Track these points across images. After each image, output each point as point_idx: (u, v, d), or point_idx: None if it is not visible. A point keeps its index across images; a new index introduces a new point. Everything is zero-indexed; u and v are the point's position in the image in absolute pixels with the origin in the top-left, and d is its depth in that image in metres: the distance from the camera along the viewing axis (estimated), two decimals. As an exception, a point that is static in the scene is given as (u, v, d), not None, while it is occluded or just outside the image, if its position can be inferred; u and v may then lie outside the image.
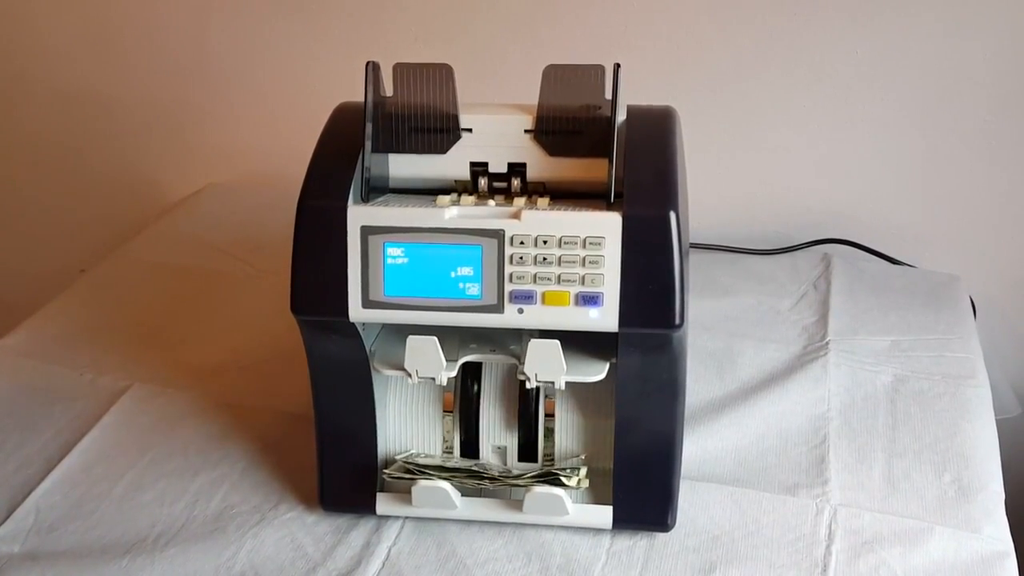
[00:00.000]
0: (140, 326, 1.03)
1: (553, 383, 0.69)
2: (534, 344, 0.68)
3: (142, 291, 1.10)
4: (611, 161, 0.66)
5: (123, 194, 1.39)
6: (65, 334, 1.01)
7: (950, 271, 1.10)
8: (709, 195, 0.98)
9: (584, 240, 0.64)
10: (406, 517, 0.76)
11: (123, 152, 1.37)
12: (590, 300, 0.65)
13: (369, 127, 0.68)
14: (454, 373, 0.70)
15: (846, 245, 1.14)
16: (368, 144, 0.68)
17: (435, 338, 0.68)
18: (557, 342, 0.67)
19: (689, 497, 0.77)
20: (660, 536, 0.74)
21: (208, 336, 1.01)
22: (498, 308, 0.66)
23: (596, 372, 0.69)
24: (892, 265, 1.13)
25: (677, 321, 0.65)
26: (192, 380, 0.93)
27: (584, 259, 0.64)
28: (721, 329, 0.99)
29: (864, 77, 1.10)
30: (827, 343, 0.96)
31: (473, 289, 0.65)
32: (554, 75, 0.68)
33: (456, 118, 0.69)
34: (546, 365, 0.68)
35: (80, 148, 1.39)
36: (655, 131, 0.69)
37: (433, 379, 0.69)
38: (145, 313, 1.06)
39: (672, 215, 0.64)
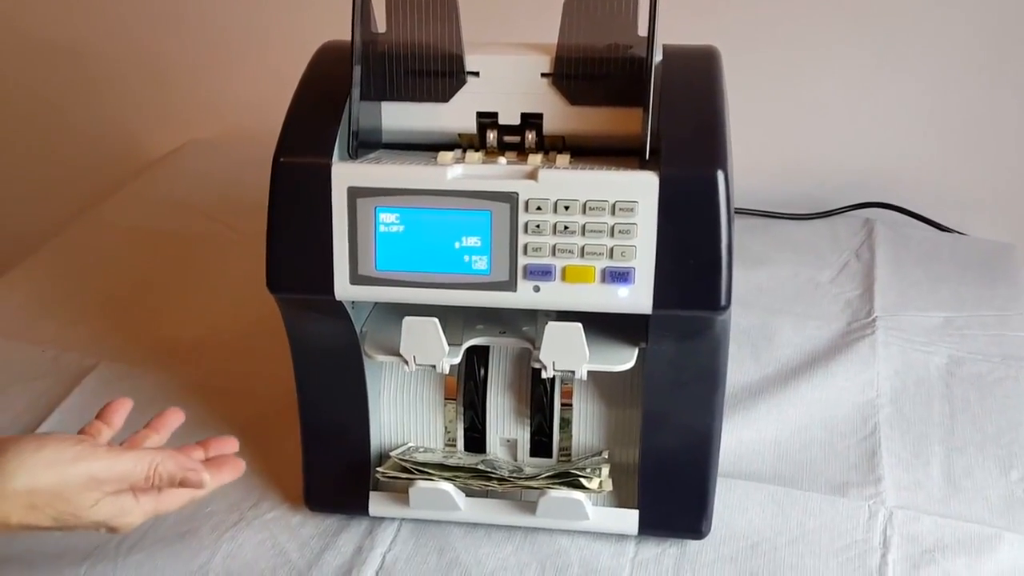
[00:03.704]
0: (110, 297, 1.00)
1: (573, 372, 0.64)
2: (552, 328, 0.63)
3: (114, 258, 1.07)
4: (646, 110, 0.61)
5: (98, 151, 1.38)
6: (27, 305, 0.99)
7: (1003, 239, 1.07)
8: (738, 153, 0.94)
9: (613, 205, 0.59)
10: (403, 519, 0.72)
11: (98, 107, 1.35)
12: (619, 277, 0.60)
13: (357, 70, 0.63)
14: (457, 359, 0.66)
15: (890, 210, 1.12)
16: (356, 91, 0.63)
17: (435, 319, 0.63)
18: (579, 325, 0.62)
19: (724, 497, 0.73)
20: (692, 544, 0.70)
21: (185, 309, 0.98)
22: (510, 285, 0.61)
23: (623, 360, 0.65)
24: (940, 232, 1.10)
25: (723, 302, 0.60)
26: (165, 359, 0.90)
27: (613, 228, 0.60)
28: (755, 304, 0.95)
29: (914, 21, 1.06)
30: (874, 320, 0.93)
31: (480, 263, 0.61)
32: (577, 8, 0.64)
33: (460, 59, 0.65)
34: (565, 352, 0.63)
35: (52, 101, 1.37)
36: (697, 75, 0.64)
37: (433, 366, 0.65)
38: (116, 283, 1.03)
39: (720, 175, 0.59)
